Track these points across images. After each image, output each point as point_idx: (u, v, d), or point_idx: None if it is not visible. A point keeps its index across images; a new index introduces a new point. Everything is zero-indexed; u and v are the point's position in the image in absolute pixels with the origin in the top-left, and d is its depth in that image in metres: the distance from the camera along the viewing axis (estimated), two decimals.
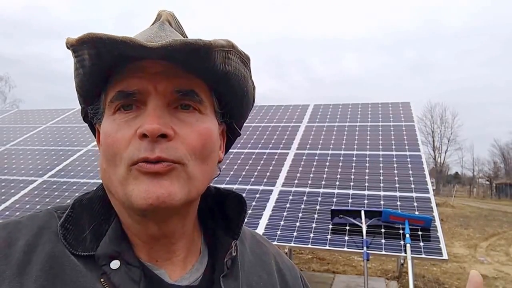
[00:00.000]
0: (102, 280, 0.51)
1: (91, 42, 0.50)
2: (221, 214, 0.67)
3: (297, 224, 3.47)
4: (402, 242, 3.10)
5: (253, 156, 4.73)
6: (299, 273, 0.75)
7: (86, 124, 0.65)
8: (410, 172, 4.04)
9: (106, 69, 0.54)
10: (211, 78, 0.57)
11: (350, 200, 3.72)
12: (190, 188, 0.54)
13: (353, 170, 4.20)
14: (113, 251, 0.54)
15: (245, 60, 0.59)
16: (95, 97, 0.59)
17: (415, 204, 3.53)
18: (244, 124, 0.71)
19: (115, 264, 0.53)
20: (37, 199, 4.35)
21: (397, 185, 3.85)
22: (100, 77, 0.56)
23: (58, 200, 4.28)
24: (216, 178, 0.64)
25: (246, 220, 0.67)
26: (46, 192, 4.50)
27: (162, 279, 0.56)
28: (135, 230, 0.57)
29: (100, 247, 0.54)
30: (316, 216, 3.56)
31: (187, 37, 0.63)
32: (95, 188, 0.62)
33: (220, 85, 0.59)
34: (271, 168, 4.43)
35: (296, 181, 4.14)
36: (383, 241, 3.18)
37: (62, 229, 0.55)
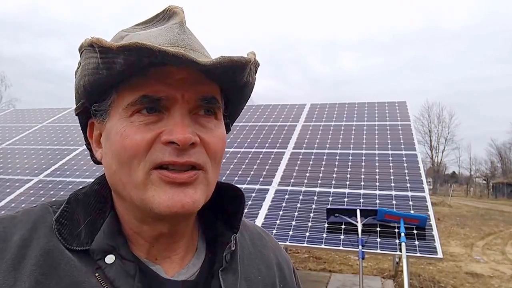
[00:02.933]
0: (97, 274, 0.52)
1: (135, 51, 0.48)
2: (220, 207, 0.67)
3: (293, 223, 3.48)
4: (397, 241, 3.12)
5: (250, 155, 4.73)
6: (292, 265, 0.77)
7: None
8: (406, 171, 4.05)
9: (134, 73, 0.52)
10: (231, 87, 0.58)
11: (346, 199, 3.73)
12: (208, 194, 0.57)
13: (349, 169, 4.21)
14: (108, 246, 0.54)
15: (257, 68, 0.61)
16: (102, 94, 0.56)
17: (411, 203, 3.55)
18: (241, 123, 0.72)
19: (110, 258, 0.53)
20: (32, 198, 4.33)
21: (392, 184, 3.87)
22: (121, 79, 0.53)
23: (53, 200, 4.25)
24: None
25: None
26: (42, 192, 4.48)
27: (158, 274, 0.57)
28: (138, 230, 0.58)
29: (95, 242, 0.54)
30: (312, 215, 3.57)
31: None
32: (91, 183, 0.62)
33: (235, 92, 0.60)
34: (267, 167, 4.44)
35: (292, 180, 4.15)
36: (378, 239, 3.19)
37: (57, 224, 0.55)
